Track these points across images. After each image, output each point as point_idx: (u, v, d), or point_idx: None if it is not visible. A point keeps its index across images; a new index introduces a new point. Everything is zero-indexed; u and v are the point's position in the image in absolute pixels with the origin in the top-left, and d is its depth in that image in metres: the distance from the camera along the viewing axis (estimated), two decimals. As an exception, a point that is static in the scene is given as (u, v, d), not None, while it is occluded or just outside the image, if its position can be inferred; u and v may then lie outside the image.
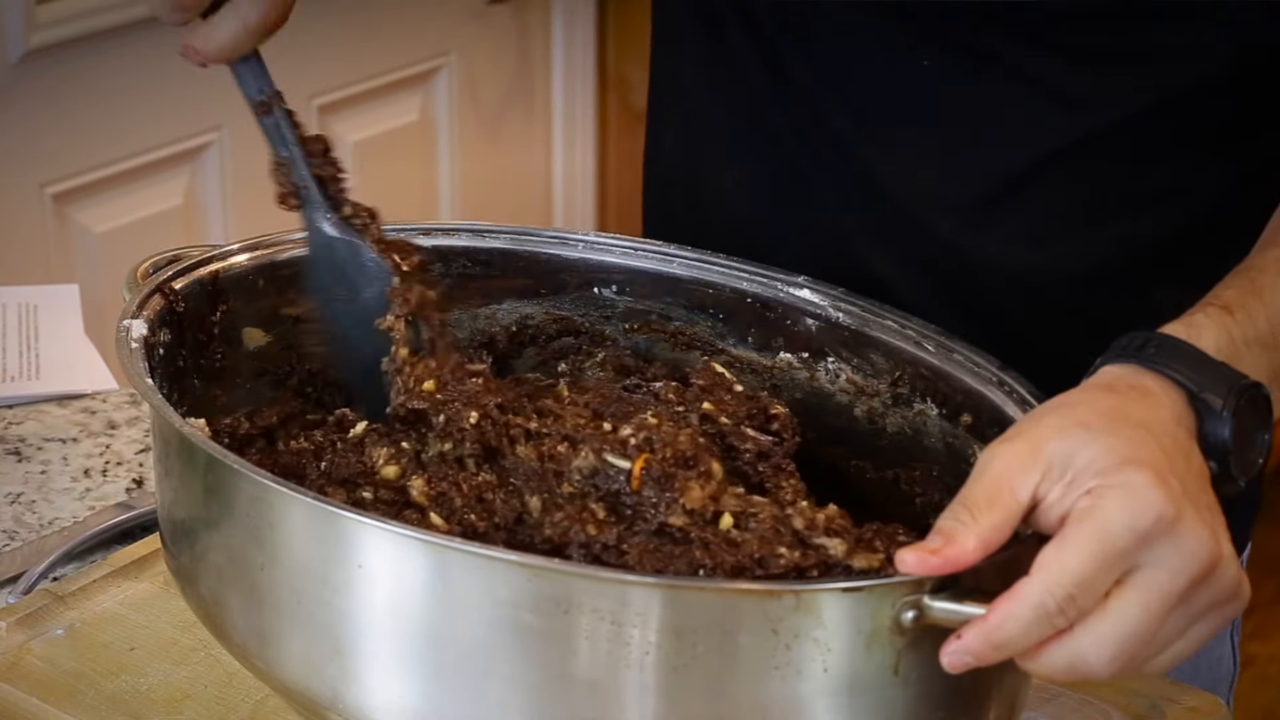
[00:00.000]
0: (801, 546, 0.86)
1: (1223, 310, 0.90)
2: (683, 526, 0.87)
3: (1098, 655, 0.78)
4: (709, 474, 0.90)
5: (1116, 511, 0.78)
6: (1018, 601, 0.77)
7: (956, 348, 1.02)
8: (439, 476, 0.93)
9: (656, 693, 0.79)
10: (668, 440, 0.91)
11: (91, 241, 2.39)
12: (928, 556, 0.78)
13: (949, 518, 0.79)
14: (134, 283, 1.02)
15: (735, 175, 1.21)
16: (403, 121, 2.80)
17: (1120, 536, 0.78)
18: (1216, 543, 0.79)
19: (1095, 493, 0.79)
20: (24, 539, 1.19)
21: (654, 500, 0.89)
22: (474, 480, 0.92)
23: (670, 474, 0.89)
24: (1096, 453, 0.80)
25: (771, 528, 0.87)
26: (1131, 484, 0.78)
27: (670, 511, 0.88)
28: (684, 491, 0.88)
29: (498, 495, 0.92)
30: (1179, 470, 0.80)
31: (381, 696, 0.83)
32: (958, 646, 0.79)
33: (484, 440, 0.94)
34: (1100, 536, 0.78)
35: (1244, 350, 0.89)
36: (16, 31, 2.23)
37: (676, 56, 1.26)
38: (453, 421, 0.94)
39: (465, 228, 1.13)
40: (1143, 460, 0.79)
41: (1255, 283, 0.93)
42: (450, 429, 0.94)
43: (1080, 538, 0.78)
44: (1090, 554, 0.77)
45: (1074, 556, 0.77)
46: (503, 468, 0.93)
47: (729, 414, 0.99)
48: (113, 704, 0.99)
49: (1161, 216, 1.11)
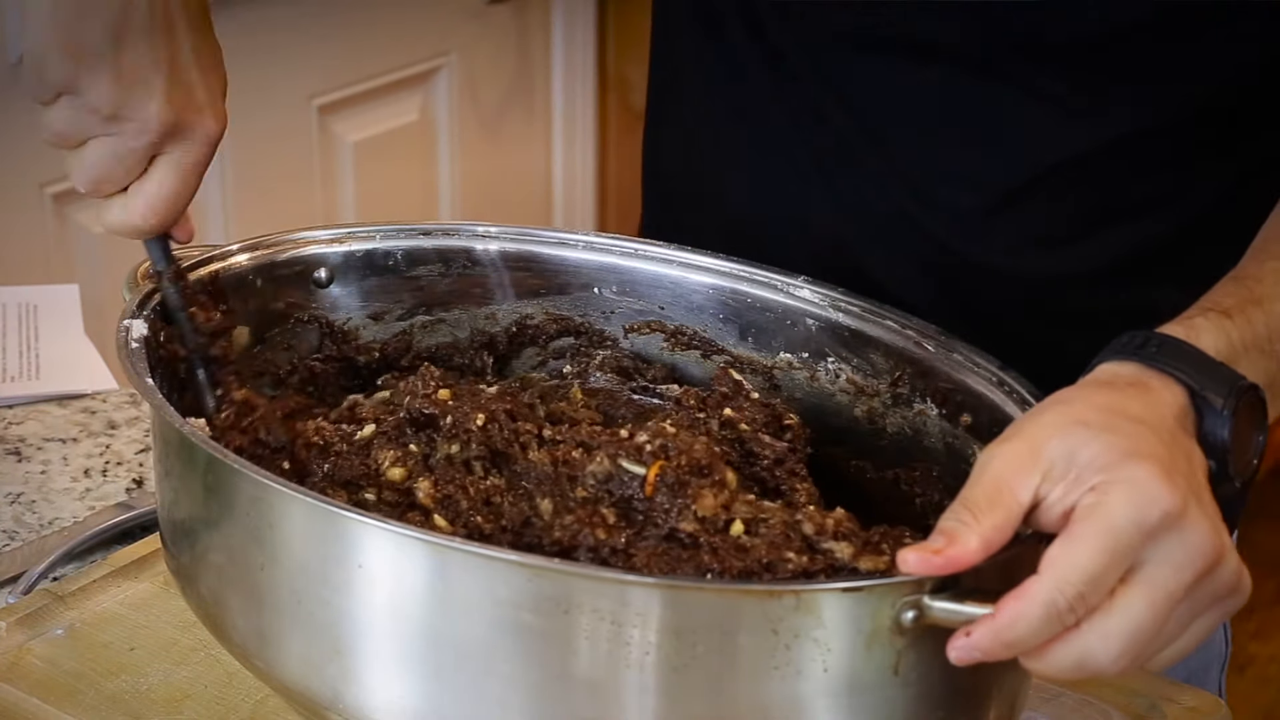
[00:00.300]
0: (810, 551, 0.86)
1: (1221, 315, 0.90)
2: (692, 532, 0.88)
3: (1105, 652, 0.78)
4: (723, 482, 0.90)
5: (1122, 506, 0.78)
6: (1028, 601, 0.77)
7: (956, 348, 1.02)
8: (446, 479, 0.93)
9: (656, 693, 0.79)
10: (683, 448, 0.91)
11: (91, 241, 2.39)
12: (930, 556, 0.78)
13: (950, 518, 0.79)
14: (134, 283, 1.02)
15: (735, 176, 1.21)
16: (403, 121, 2.80)
17: (1127, 531, 0.78)
18: (1219, 537, 0.79)
19: (1100, 488, 0.79)
20: (24, 539, 1.19)
21: (666, 506, 0.89)
22: (481, 484, 0.92)
23: (684, 481, 0.90)
24: (1098, 449, 0.80)
25: (781, 533, 0.87)
26: (1136, 478, 0.78)
27: (682, 518, 0.88)
28: (697, 499, 0.89)
29: (506, 498, 0.92)
30: (1180, 465, 0.80)
31: (381, 696, 0.83)
32: (966, 643, 0.78)
33: (490, 444, 0.94)
34: (1108, 531, 0.77)
35: (1242, 354, 0.89)
36: (17, 31, 2.23)
37: (676, 56, 1.26)
38: (459, 424, 0.94)
39: (465, 228, 1.13)
40: (1145, 454, 0.79)
41: (1253, 291, 0.93)
42: (457, 430, 0.94)
43: (1088, 534, 0.78)
44: (1099, 549, 0.77)
45: (1083, 553, 0.77)
46: (514, 472, 0.93)
47: (747, 420, 1.00)
48: (113, 704, 0.99)
49: (1162, 219, 1.12)
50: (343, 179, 2.72)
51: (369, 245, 1.11)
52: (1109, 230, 1.12)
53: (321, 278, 1.09)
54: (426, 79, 2.83)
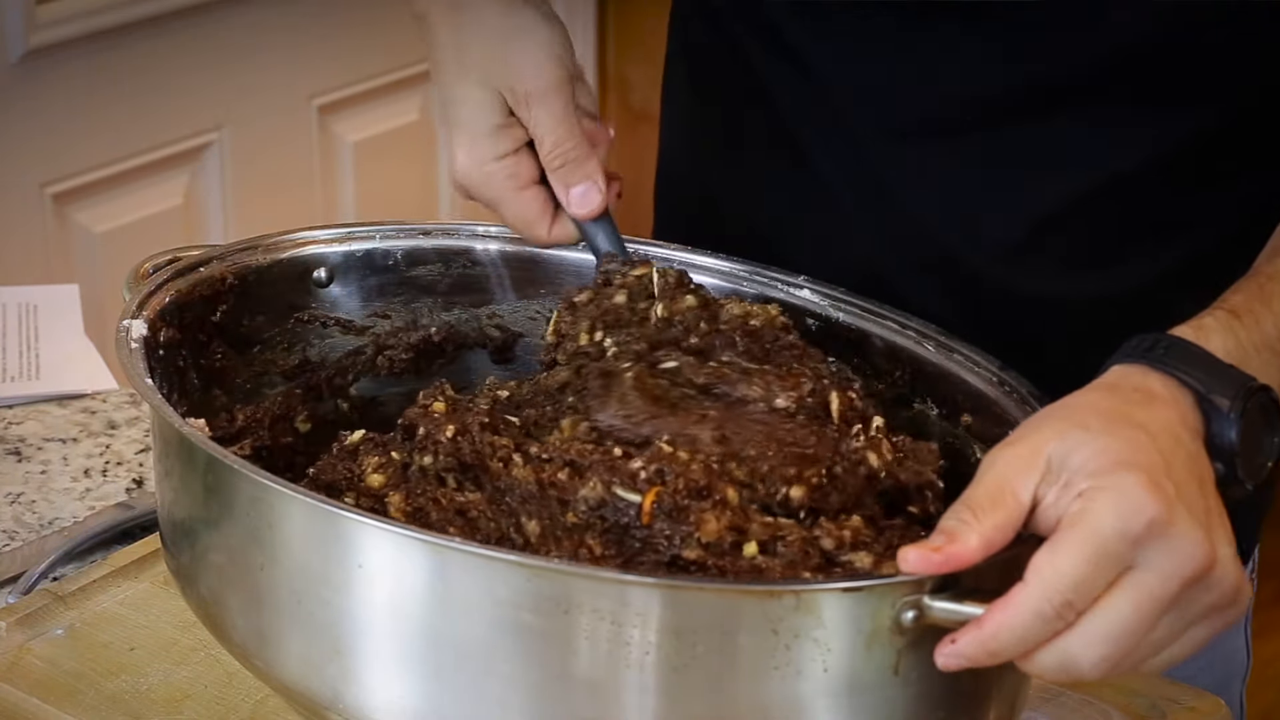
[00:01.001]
0: (829, 567, 0.85)
1: (1230, 314, 0.90)
2: (697, 559, 0.85)
3: (1087, 655, 0.78)
4: (724, 502, 0.87)
5: (1106, 514, 0.78)
6: (1014, 610, 0.77)
7: (956, 348, 1.02)
8: (417, 492, 0.90)
9: (656, 693, 0.79)
10: (679, 470, 0.87)
11: (91, 241, 2.39)
12: (930, 554, 0.78)
13: (951, 517, 0.79)
14: (134, 283, 1.02)
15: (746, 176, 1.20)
16: (403, 121, 2.80)
17: (1110, 539, 0.77)
18: (1211, 546, 0.79)
19: (1086, 495, 0.79)
20: (24, 539, 1.19)
21: (668, 533, 0.85)
22: (456, 497, 0.89)
23: (683, 506, 0.86)
24: (1090, 454, 0.80)
25: (800, 550, 0.85)
26: (1121, 486, 0.78)
27: (685, 545, 0.85)
28: (700, 525, 0.85)
29: (485, 513, 0.89)
30: (1176, 473, 0.80)
31: (381, 696, 0.83)
32: (952, 650, 0.79)
33: (459, 456, 0.90)
34: (1091, 539, 0.77)
35: (1252, 354, 0.89)
36: (16, 31, 2.23)
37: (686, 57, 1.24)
38: (430, 435, 0.91)
39: (465, 228, 1.13)
40: (1136, 463, 0.79)
41: (1264, 289, 0.93)
42: (427, 442, 0.91)
43: (1072, 541, 0.78)
44: (1083, 557, 0.77)
45: (1066, 560, 0.77)
46: (496, 488, 0.90)
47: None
48: (113, 704, 0.99)
49: (1206, 234, 1.10)
50: (343, 179, 2.72)
51: (369, 245, 1.11)
52: (1139, 253, 1.10)
53: (321, 278, 1.09)
54: (426, 79, 2.82)
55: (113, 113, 2.36)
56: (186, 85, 2.42)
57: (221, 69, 2.46)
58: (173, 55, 2.39)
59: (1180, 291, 1.07)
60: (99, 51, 2.33)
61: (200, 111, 2.45)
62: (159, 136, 2.43)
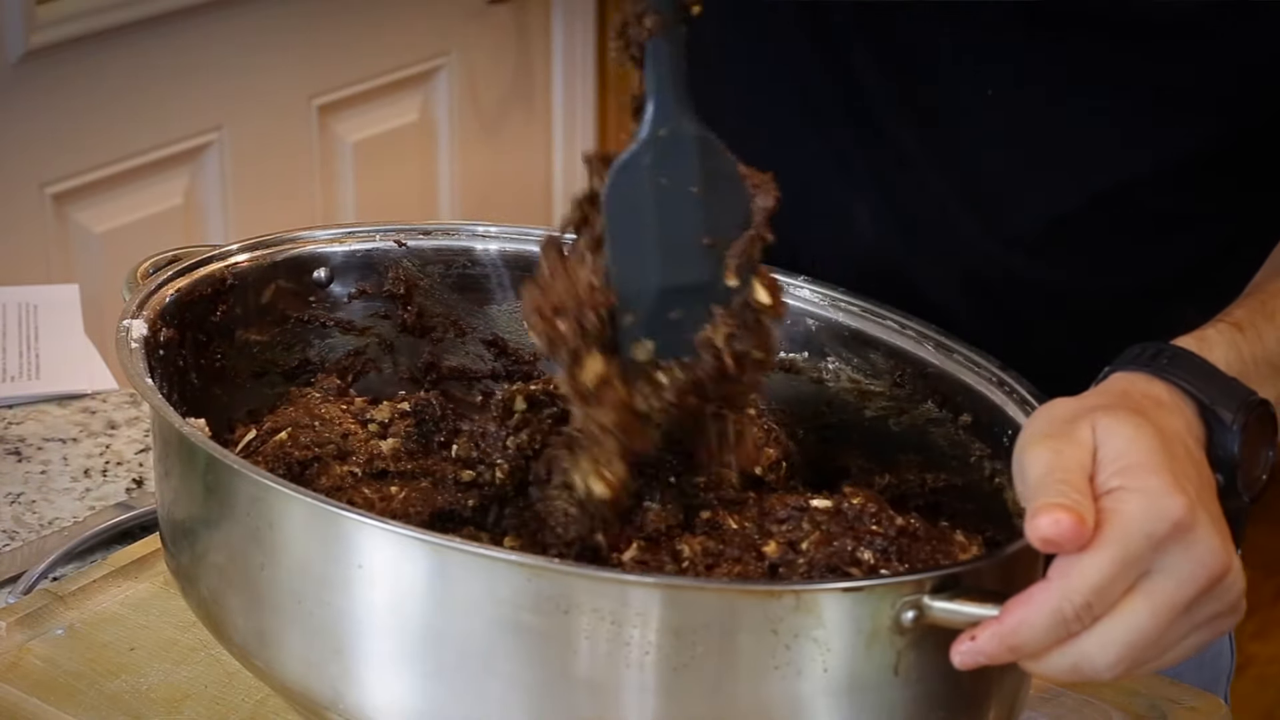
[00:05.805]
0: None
1: (1233, 327, 0.90)
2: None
3: (1103, 658, 0.78)
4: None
5: (1136, 518, 0.77)
6: (1036, 608, 0.77)
7: (957, 348, 1.02)
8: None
9: (656, 693, 0.79)
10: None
11: (91, 241, 2.39)
12: (1078, 525, 0.76)
13: (1058, 495, 0.77)
14: (134, 283, 1.02)
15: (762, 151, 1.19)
16: (403, 121, 2.80)
17: (1138, 543, 0.77)
18: (1228, 554, 0.79)
19: (1116, 496, 0.78)
20: (24, 539, 1.19)
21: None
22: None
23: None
24: (1122, 444, 0.79)
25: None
26: (1150, 489, 0.78)
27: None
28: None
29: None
30: (1192, 478, 0.80)
31: (381, 696, 0.83)
32: (971, 647, 0.78)
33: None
34: (1119, 542, 0.77)
35: (1252, 368, 0.89)
36: (16, 31, 2.23)
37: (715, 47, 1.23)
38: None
39: (465, 228, 1.13)
40: (1161, 464, 0.79)
41: (1266, 305, 0.93)
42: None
43: (1100, 544, 0.77)
44: (1109, 560, 0.77)
45: (1093, 563, 0.77)
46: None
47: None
48: (113, 704, 0.99)
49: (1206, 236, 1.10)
50: (343, 179, 2.72)
51: (369, 245, 1.11)
52: (1157, 250, 1.10)
53: (321, 277, 1.09)
54: (426, 79, 2.83)
55: (113, 113, 2.36)
56: (186, 85, 2.42)
57: (221, 69, 2.46)
58: (173, 55, 2.39)
59: (1181, 297, 1.07)
60: (99, 51, 2.33)
61: (200, 111, 2.45)
62: (159, 136, 2.43)
